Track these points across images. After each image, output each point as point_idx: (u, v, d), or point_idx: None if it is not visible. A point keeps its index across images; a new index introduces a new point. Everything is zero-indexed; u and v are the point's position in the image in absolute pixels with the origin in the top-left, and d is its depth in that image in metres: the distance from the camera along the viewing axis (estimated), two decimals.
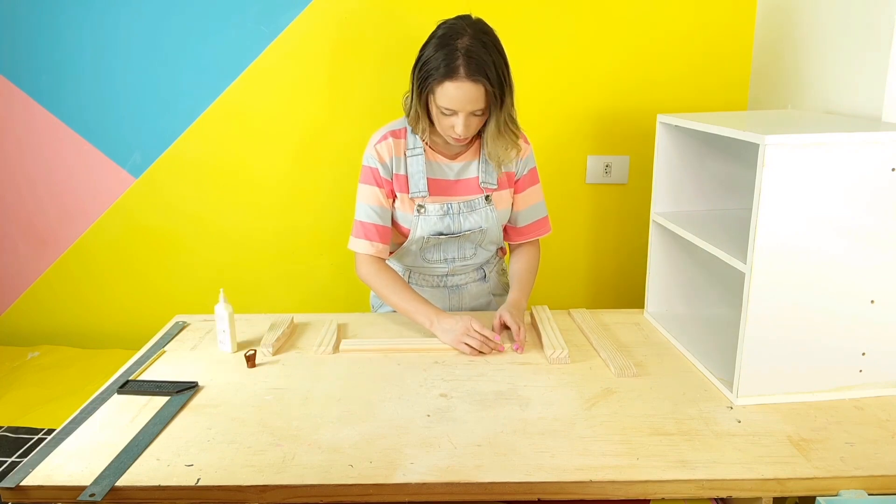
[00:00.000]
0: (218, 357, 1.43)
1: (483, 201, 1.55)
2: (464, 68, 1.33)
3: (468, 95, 1.35)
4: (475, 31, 1.36)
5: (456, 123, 1.39)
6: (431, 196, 1.52)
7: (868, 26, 1.48)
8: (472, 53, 1.33)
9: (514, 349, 1.44)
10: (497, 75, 1.36)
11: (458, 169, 1.54)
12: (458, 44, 1.34)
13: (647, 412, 1.19)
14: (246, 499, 1.01)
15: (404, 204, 1.53)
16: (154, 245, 2.25)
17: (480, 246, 1.61)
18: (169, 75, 2.09)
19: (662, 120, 1.49)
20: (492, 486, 1.01)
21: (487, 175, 1.54)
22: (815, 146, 1.11)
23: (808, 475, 1.01)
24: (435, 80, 1.36)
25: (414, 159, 1.51)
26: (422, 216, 1.53)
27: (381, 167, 1.51)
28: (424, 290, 1.66)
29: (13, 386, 1.97)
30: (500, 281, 1.74)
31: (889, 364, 1.22)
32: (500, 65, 1.37)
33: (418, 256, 1.61)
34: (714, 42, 2.04)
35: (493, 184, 1.55)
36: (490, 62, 1.35)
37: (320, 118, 2.12)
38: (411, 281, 1.66)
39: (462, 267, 1.63)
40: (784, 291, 1.17)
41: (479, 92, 1.35)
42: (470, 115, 1.39)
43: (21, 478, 1.02)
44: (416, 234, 1.54)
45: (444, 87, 1.35)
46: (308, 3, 2.03)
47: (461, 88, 1.34)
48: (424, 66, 1.37)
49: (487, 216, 1.55)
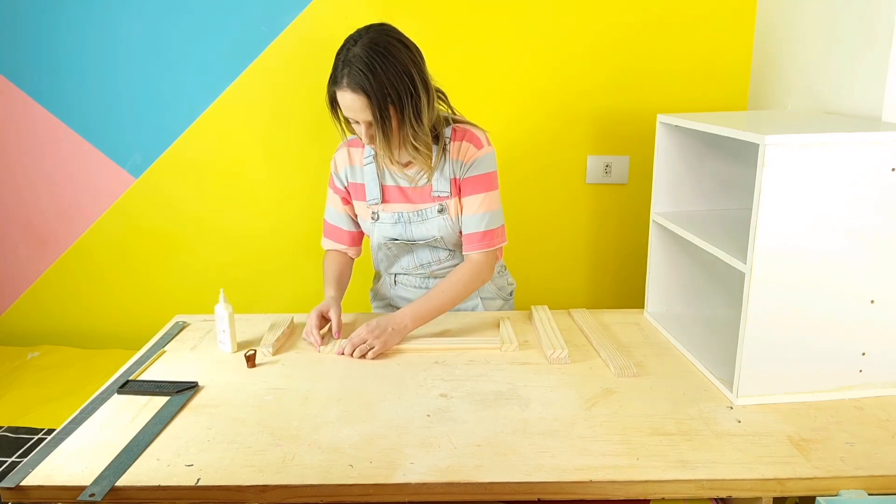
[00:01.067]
0: (218, 357, 1.43)
1: (435, 211, 1.52)
2: (346, 79, 1.32)
3: (351, 105, 1.34)
4: (369, 41, 1.33)
5: (360, 131, 1.39)
6: (384, 203, 1.54)
7: (868, 26, 1.48)
8: (353, 63, 1.31)
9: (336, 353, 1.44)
10: (381, 88, 1.31)
11: (411, 175, 1.51)
12: (349, 52, 1.33)
13: (647, 412, 1.19)
14: (246, 499, 1.01)
15: (362, 211, 1.57)
16: (154, 245, 2.25)
17: (451, 250, 1.59)
18: (169, 75, 2.09)
19: (662, 120, 1.49)
20: (492, 486, 1.01)
21: (438, 182, 1.50)
22: (815, 146, 1.11)
23: (808, 475, 1.01)
24: (330, 85, 1.37)
25: (368, 168, 1.54)
26: (377, 223, 1.55)
27: (335, 176, 1.58)
28: (410, 291, 1.66)
29: (13, 386, 1.97)
30: (493, 283, 1.69)
31: (889, 364, 1.22)
32: (391, 76, 1.31)
33: (394, 262, 1.63)
34: (714, 42, 2.04)
35: (446, 191, 1.50)
36: (378, 72, 1.30)
37: (320, 118, 2.10)
38: (397, 283, 1.67)
39: (441, 270, 1.61)
40: (784, 291, 1.17)
41: (360, 103, 1.33)
42: (368, 123, 1.36)
43: (21, 478, 1.02)
44: (374, 240, 1.58)
45: (336, 95, 1.36)
46: (308, 3, 2.03)
47: (344, 98, 1.34)
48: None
49: (441, 225, 1.52)
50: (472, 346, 1.45)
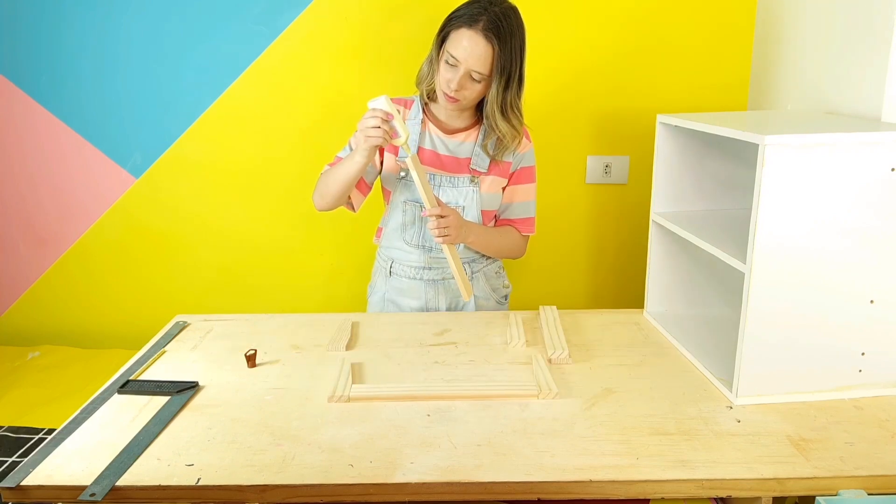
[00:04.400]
0: (218, 357, 1.43)
1: (468, 181, 1.56)
2: (484, 23, 1.40)
3: (476, 50, 1.40)
4: (509, 8, 1.45)
5: (452, 78, 1.43)
6: None
7: (868, 26, 1.48)
8: (497, 17, 1.41)
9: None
10: (510, 48, 1.42)
11: (452, 146, 1.57)
12: (490, 5, 1.42)
13: (647, 412, 1.19)
14: (246, 499, 1.01)
15: (391, 164, 1.58)
16: (154, 245, 2.25)
17: None
18: (169, 75, 2.09)
19: (662, 120, 1.49)
20: (492, 485, 1.01)
21: (479, 158, 1.57)
22: (815, 146, 1.11)
23: (807, 475, 1.01)
24: (454, 26, 1.43)
25: (411, 124, 1.57)
26: (403, 181, 1.57)
27: None
28: (403, 282, 1.66)
29: (13, 386, 1.97)
30: (488, 284, 1.70)
31: (889, 364, 1.23)
32: (515, 43, 1.43)
33: (398, 235, 1.62)
34: (714, 42, 2.04)
35: (484, 168, 1.58)
36: (509, 32, 1.41)
37: (320, 118, 2.12)
38: (392, 271, 1.67)
39: (440, 259, 1.62)
40: (784, 291, 1.17)
41: (487, 51, 1.40)
42: (469, 75, 1.43)
43: (21, 477, 1.02)
44: (396, 196, 1.59)
45: (459, 34, 1.42)
46: (308, 4, 2.03)
47: (473, 39, 1.40)
48: (453, 14, 1.45)
49: (468, 195, 1.57)
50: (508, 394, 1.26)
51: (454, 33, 1.42)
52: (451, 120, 1.58)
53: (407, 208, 1.59)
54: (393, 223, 1.63)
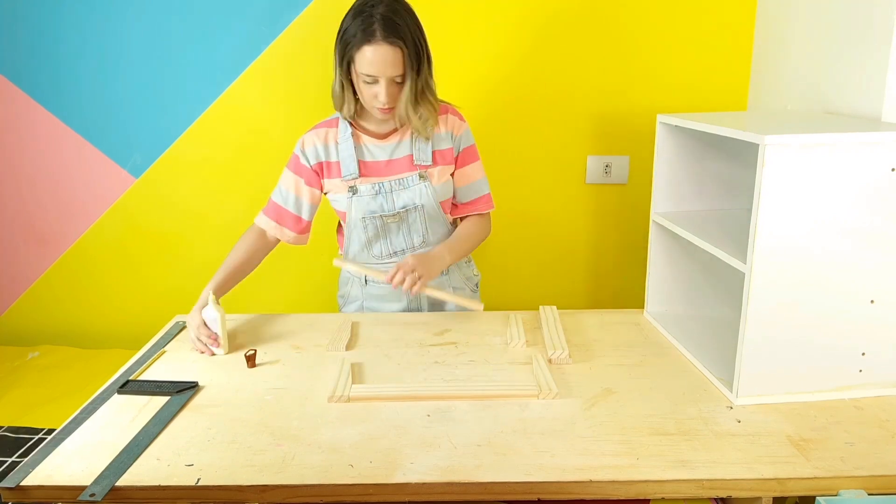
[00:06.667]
0: (218, 357, 1.43)
1: (417, 178, 1.56)
2: (380, 31, 1.37)
3: (386, 58, 1.39)
4: (390, 1, 1.41)
5: (378, 92, 1.42)
6: (363, 177, 1.55)
7: (867, 26, 1.48)
8: (387, 18, 1.38)
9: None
10: (412, 39, 1.41)
11: (390, 149, 1.56)
12: (373, 10, 1.39)
13: (647, 412, 1.19)
14: (246, 499, 1.01)
15: (338, 188, 1.57)
16: (154, 245, 2.25)
17: (426, 231, 1.59)
18: (169, 76, 2.09)
19: (662, 120, 1.49)
20: (492, 485, 1.01)
21: (421, 152, 1.56)
22: (815, 146, 1.11)
23: (808, 475, 1.01)
24: (354, 47, 1.40)
25: (344, 144, 1.56)
26: (355, 196, 1.56)
27: (300, 154, 1.58)
28: (382, 288, 1.65)
29: (13, 386, 1.97)
30: (461, 274, 1.70)
31: (889, 364, 1.22)
32: (414, 30, 1.42)
33: (365, 252, 1.61)
34: (714, 42, 2.04)
35: (428, 160, 1.56)
36: (405, 25, 1.40)
37: (320, 119, 2.11)
38: (368, 281, 1.66)
39: None
40: (784, 291, 1.17)
41: (396, 55, 1.39)
42: (391, 81, 1.42)
43: (21, 478, 1.02)
44: (352, 215, 1.57)
45: (363, 53, 1.39)
46: (308, 4, 2.03)
47: (378, 51, 1.38)
48: (344, 35, 1.42)
49: (422, 192, 1.56)
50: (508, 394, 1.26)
51: (358, 54, 1.39)
52: (382, 125, 1.56)
53: (368, 223, 1.57)
54: (356, 242, 1.61)
